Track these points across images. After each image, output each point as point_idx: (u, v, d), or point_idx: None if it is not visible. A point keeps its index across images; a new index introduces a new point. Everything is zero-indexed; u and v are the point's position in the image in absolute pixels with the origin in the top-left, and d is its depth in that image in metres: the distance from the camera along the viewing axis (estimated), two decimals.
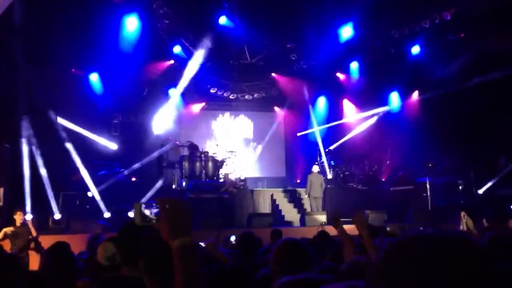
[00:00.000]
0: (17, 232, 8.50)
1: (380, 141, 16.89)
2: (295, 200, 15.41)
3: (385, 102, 17.81)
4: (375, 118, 17.39)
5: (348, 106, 18.27)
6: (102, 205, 12.49)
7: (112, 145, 14.74)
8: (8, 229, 8.54)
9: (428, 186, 14.56)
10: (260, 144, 18.95)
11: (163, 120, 16.05)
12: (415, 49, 16.14)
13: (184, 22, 14.72)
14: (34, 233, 8.52)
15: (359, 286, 1.44)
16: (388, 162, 16.68)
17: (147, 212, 1.52)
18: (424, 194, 14.51)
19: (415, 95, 17.26)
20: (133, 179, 14.25)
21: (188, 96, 17.05)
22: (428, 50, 15.88)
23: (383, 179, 16.39)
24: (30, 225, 8.66)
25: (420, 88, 16.95)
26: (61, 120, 13.31)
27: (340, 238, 4.01)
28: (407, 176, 15.36)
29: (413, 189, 14.93)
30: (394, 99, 17.88)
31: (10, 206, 10.81)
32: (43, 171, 11.94)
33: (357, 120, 17.82)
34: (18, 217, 8.66)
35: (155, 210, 1.52)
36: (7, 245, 8.43)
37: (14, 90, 11.72)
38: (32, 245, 5.87)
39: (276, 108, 19.20)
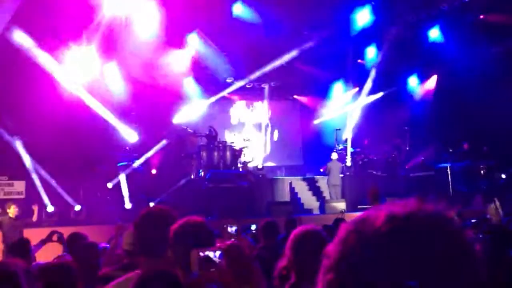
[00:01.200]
0: (13, 224, 8.83)
1: (399, 127, 16.68)
2: (314, 188, 15.34)
3: (403, 87, 17.58)
4: (393, 104, 17.16)
5: (364, 92, 18.04)
6: (126, 196, 12.58)
7: (132, 136, 14.76)
8: (5, 220, 8.80)
9: (449, 172, 14.37)
10: (277, 132, 18.88)
11: (180, 110, 16.06)
12: (434, 33, 15.84)
13: (199, 11, 14.65)
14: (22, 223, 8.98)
15: None
16: (407, 148, 16.48)
17: (211, 254, 1.41)
18: (445, 180, 14.33)
19: (434, 79, 16.99)
20: (153, 171, 14.26)
21: (204, 86, 17.02)
22: (447, 33, 15.59)
23: (402, 165, 16.20)
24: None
25: (439, 72, 16.68)
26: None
27: None
28: (427, 162, 15.17)
29: (433, 174, 14.75)
30: (413, 84, 17.64)
31: (30, 198, 10.99)
32: (63, 163, 12.07)
33: (374, 105, 17.63)
34: (12, 210, 8.93)
35: (217, 253, 1.41)
36: None
37: (33, 83, 11.87)
38: (55, 237, 5.93)
39: (293, 96, 19.06)
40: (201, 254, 1.40)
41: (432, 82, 17.23)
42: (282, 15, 14.66)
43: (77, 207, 11.68)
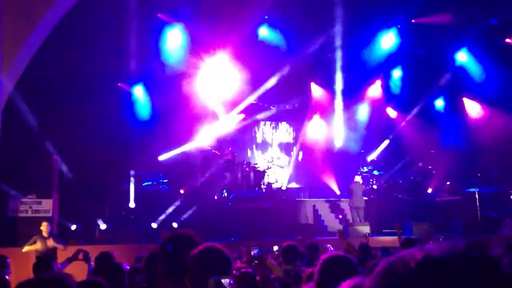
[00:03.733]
0: (46, 242, 8.74)
1: (425, 150, 16.47)
2: (338, 210, 15.19)
3: (430, 110, 17.42)
4: (419, 126, 16.99)
5: (392, 114, 17.96)
6: (162, 217, 12.64)
7: (161, 156, 14.94)
8: (38, 238, 8.78)
9: (477, 196, 14.06)
10: (301, 153, 18.84)
11: (204, 131, 16.19)
12: (461, 56, 15.76)
13: (225, 34, 14.91)
14: (54, 245, 8.77)
15: None
16: (434, 172, 16.23)
17: (225, 281, 1.47)
18: (473, 205, 14.03)
19: (461, 102, 16.80)
20: (182, 191, 14.32)
21: (229, 107, 17.16)
22: (475, 56, 15.49)
23: (429, 190, 15.94)
24: (53, 243, 8.80)
25: (466, 94, 16.52)
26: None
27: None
28: (454, 187, 14.89)
29: (461, 199, 14.45)
30: (440, 106, 17.48)
31: (59, 217, 11.20)
32: (89, 183, 12.29)
33: (401, 128, 17.50)
34: (44, 228, 8.82)
35: (229, 281, 1.46)
36: (32, 253, 8.71)
37: (65, 103, 12.26)
38: (81, 255, 6.01)
39: (318, 117, 19.00)
40: (219, 281, 1.44)
41: (460, 105, 17.06)
42: (306, 37, 14.80)
43: (103, 226, 11.83)
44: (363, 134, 17.46)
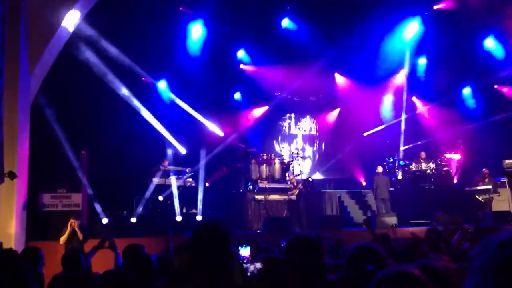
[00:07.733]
0: (76, 237, 8.73)
1: (452, 140, 16.17)
2: (363, 201, 15.09)
3: (457, 98, 17.08)
4: (446, 115, 16.69)
5: (418, 104, 17.69)
6: (177, 209, 12.76)
7: (182, 149, 15.05)
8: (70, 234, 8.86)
9: (507, 186, 13.74)
10: (326, 145, 18.74)
11: (228, 124, 16.24)
12: (489, 42, 15.39)
13: (247, 27, 14.89)
14: (80, 237, 8.81)
15: None
16: (462, 161, 15.92)
17: (251, 267, 1.49)
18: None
19: (489, 90, 16.43)
20: (207, 184, 14.38)
21: (252, 100, 17.18)
22: (502, 42, 15.12)
23: (456, 179, 15.65)
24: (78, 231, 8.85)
25: (494, 82, 16.15)
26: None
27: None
28: (484, 176, 14.53)
29: (491, 189, 14.13)
30: (467, 94, 17.14)
31: (89, 211, 11.41)
32: (117, 176, 12.48)
33: (427, 117, 17.24)
34: (73, 224, 8.77)
35: (258, 266, 1.49)
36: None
37: (92, 98, 12.47)
38: (107, 243, 6.11)
39: (342, 108, 18.85)
40: (244, 266, 1.46)
41: (487, 92, 16.69)
42: (330, 29, 14.66)
43: (133, 219, 12.01)
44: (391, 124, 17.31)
